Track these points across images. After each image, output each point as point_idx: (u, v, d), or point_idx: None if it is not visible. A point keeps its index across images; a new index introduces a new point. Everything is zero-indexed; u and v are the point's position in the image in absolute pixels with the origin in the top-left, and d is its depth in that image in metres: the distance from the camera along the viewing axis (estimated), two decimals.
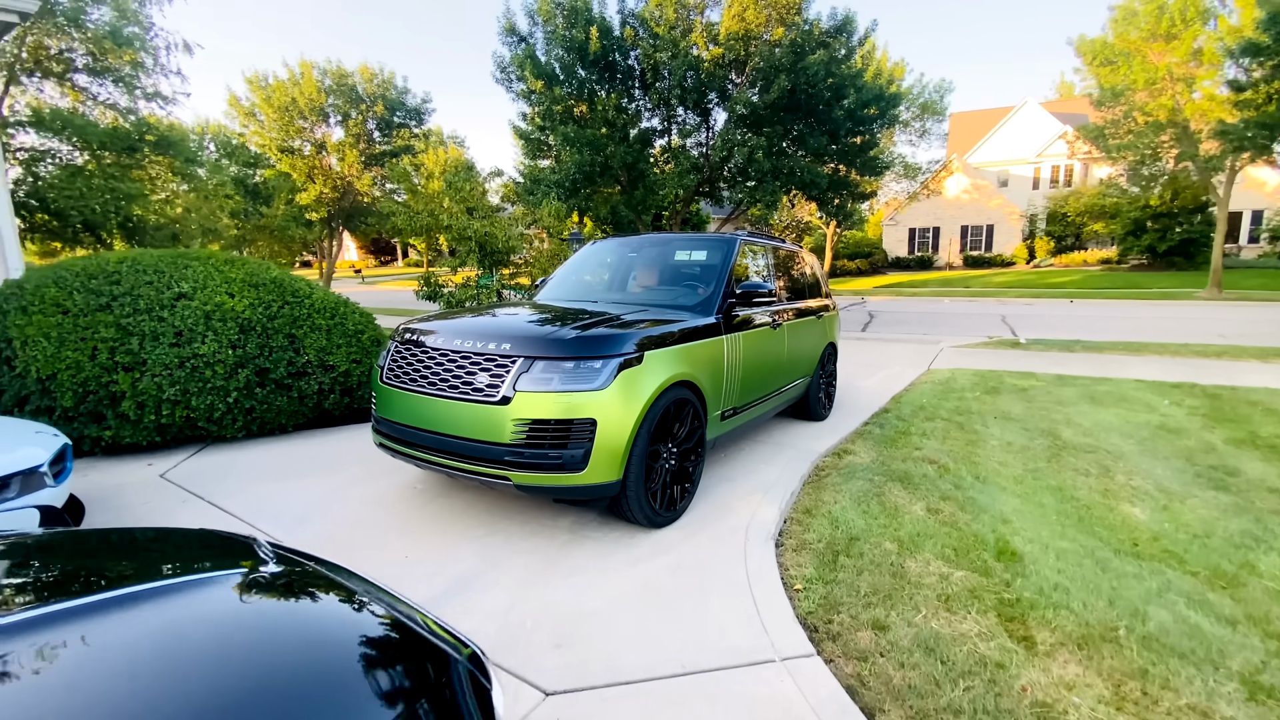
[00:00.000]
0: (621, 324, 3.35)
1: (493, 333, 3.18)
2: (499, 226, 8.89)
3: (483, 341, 3.11)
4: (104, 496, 4.00)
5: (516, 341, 3.03)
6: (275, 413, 5.26)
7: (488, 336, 3.14)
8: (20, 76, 14.62)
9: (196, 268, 5.33)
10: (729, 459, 4.64)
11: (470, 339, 3.17)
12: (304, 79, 24.24)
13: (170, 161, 16.48)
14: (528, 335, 3.08)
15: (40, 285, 4.81)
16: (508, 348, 3.01)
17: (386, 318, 16.86)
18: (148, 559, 1.47)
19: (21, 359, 4.51)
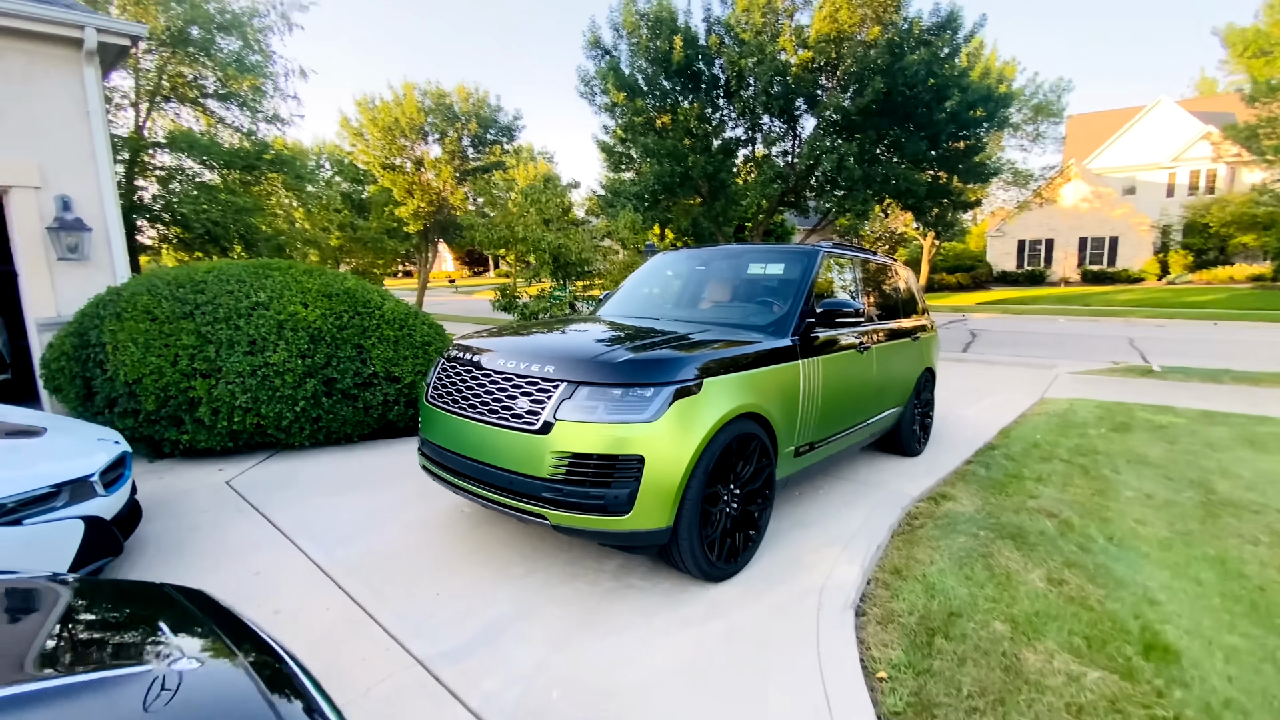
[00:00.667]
0: (680, 346, 2.97)
1: (536, 353, 2.89)
2: (573, 239, 8.76)
3: (525, 362, 2.83)
4: (170, 501, 4.07)
5: (560, 363, 2.73)
6: (341, 422, 5.27)
7: (531, 356, 2.85)
8: (160, 102, 16.30)
9: (276, 277, 5.46)
10: (804, 499, 4.13)
11: (514, 359, 2.90)
12: (406, 99, 25.69)
13: (283, 178, 17.84)
14: (572, 357, 2.77)
15: (135, 292, 5.06)
16: (550, 370, 2.71)
17: (463, 325, 17.35)
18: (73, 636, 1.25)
19: (113, 363, 4.73)
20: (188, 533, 3.58)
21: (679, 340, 3.11)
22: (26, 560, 2.49)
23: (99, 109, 5.68)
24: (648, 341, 3.03)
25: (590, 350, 2.85)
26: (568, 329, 3.60)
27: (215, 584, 2.97)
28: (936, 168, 15.11)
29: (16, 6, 4.97)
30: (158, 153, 15.71)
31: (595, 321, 3.87)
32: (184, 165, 16.18)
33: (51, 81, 5.40)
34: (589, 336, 3.28)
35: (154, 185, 15.92)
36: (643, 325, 3.58)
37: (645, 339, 3.13)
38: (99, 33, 5.35)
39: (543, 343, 3.18)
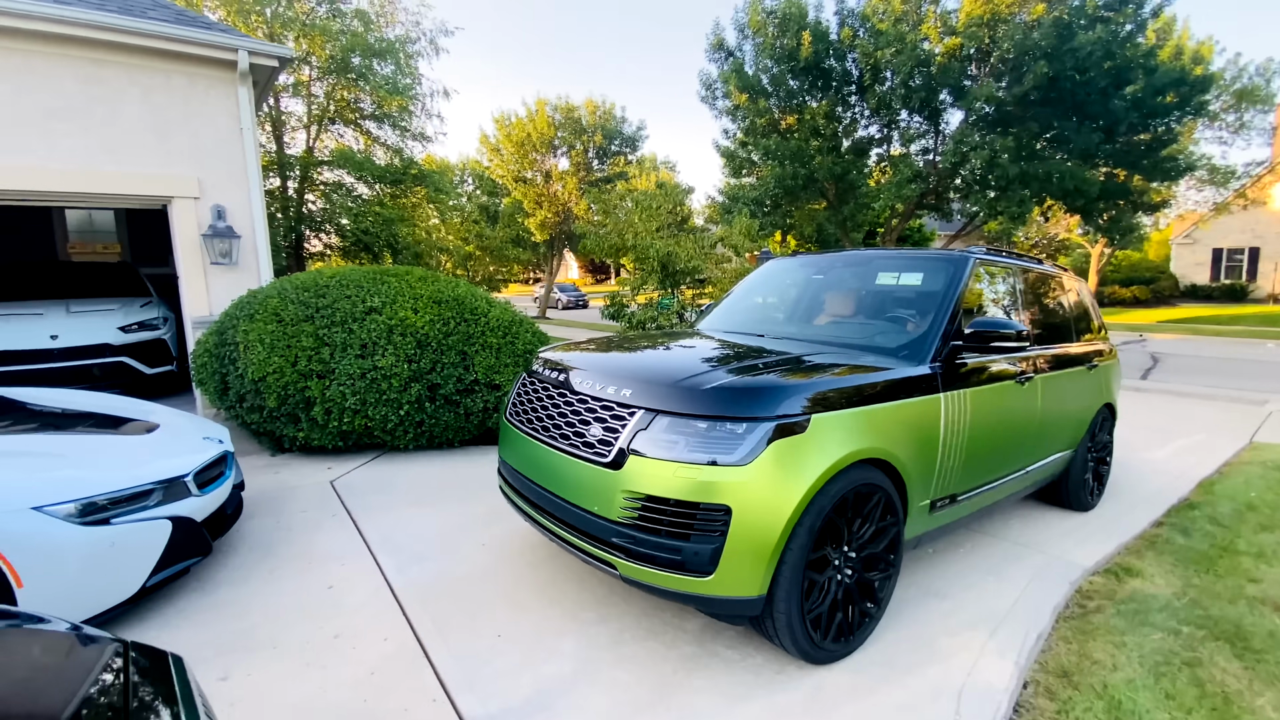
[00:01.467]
0: (786, 370, 2.47)
1: (615, 372, 2.52)
2: (682, 245, 8.40)
3: (602, 382, 2.47)
4: (277, 498, 4.20)
5: (638, 386, 2.34)
6: (443, 428, 5.27)
7: (609, 376, 2.49)
8: (326, 124, 18.21)
9: (392, 283, 5.60)
10: (938, 559, 3.41)
11: (591, 378, 2.56)
12: (538, 115, 26.93)
13: (425, 191, 19.25)
14: (651, 379, 2.37)
15: (267, 295, 5.40)
16: (626, 394, 2.33)
17: (574, 332, 17.60)
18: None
19: (243, 361, 5.05)
20: (281, 533, 3.62)
21: (786, 363, 2.61)
22: (111, 562, 2.52)
23: (250, 126, 6.19)
24: (747, 364, 2.56)
25: (674, 372, 2.44)
26: (658, 345, 3.21)
27: (289, 595, 2.90)
28: (1112, 164, 12.99)
29: (182, 32, 5.53)
30: (323, 169, 17.56)
31: (691, 337, 3.44)
32: (343, 180, 17.96)
33: (210, 101, 5.96)
34: (678, 355, 2.88)
35: (319, 199, 17.81)
36: (745, 343, 3.10)
37: (744, 361, 2.66)
38: (250, 55, 5.83)
39: (624, 361, 2.81)
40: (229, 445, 3.44)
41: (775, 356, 2.70)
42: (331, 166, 17.32)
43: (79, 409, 3.42)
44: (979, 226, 15.79)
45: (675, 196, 9.81)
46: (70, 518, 2.43)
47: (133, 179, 5.74)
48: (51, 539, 2.37)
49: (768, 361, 2.61)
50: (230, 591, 2.93)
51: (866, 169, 14.61)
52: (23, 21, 4.97)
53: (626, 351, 3.04)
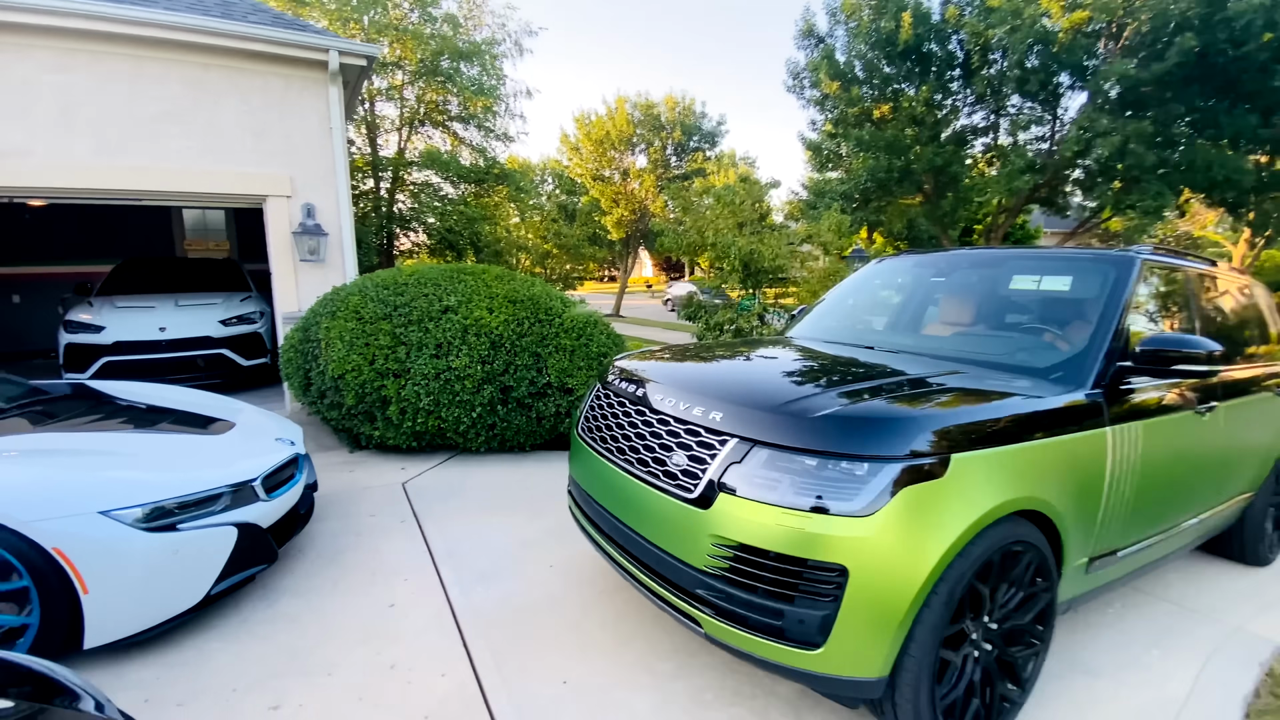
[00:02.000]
0: (912, 394, 2.04)
1: (701, 389, 2.17)
2: (766, 243, 7.92)
3: (686, 400, 2.13)
4: (349, 498, 4.14)
5: (730, 408, 1.98)
6: (514, 431, 5.11)
7: (694, 393, 2.15)
8: (416, 126, 18.87)
9: (468, 281, 5.50)
10: (1084, 623, 2.85)
11: (672, 394, 2.23)
12: (618, 113, 26.90)
13: (506, 190, 19.60)
14: (747, 400, 2.00)
15: (349, 293, 5.42)
16: (717, 418, 1.98)
17: (649, 331, 17.30)
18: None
19: (324, 358, 5.08)
20: (349, 539, 3.52)
21: (912, 386, 2.16)
22: (176, 569, 2.44)
23: (340, 125, 6.29)
24: (863, 385, 2.14)
25: (775, 393, 2.06)
26: (751, 357, 2.83)
27: (350, 612, 2.75)
28: (1270, 150, 11.25)
29: (279, 34, 5.65)
30: (412, 170, 18.22)
31: (786, 347, 3.03)
32: (430, 180, 18.57)
33: (303, 102, 6.09)
34: (777, 371, 2.49)
35: (408, 199, 18.50)
36: (854, 358, 2.67)
37: (859, 381, 2.24)
38: (340, 54, 5.90)
39: (713, 376, 2.46)
40: (300, 447, 3.37)
41: (896, 376, 2.26)
42: (420, 167, 17.92)
43: (163, 404, 3.45)
44: (1100, 223, 14.18)
45: (756, 192, 9.31)
46: (137, 523, 2.36)
47: (232, 178, 5.94)
48: (117, 544, 2.31)
49: (888, 382, 2.18)
50: (293, 603, 2.82)
51: (968, 160, 13.44)
52: (138, 29, 5.21)
53: (714, 364, 2.69)
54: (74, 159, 5.13)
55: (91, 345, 6.45)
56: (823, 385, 2.18)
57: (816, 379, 2.29)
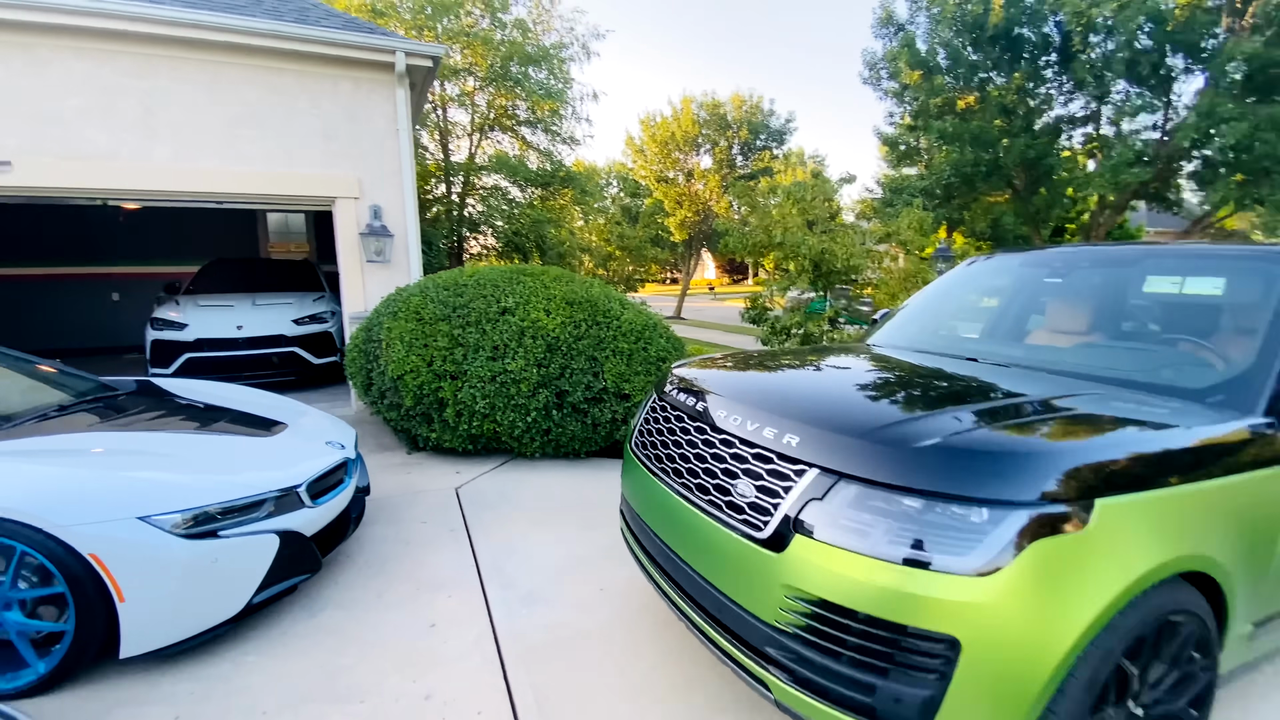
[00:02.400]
0: (1038, 420, 1.67)
1: (773, 406, 1.87)
2: (839, 242, 7.44)
3: (755, 419, 1.84)
4: (402, 502, 4.06)
5: (809, 432, 1.67)
6: (569, 437, 4.93)
7: (764, 411, 1.85)
8: (486, 131, 19.26)
9: (527, 283, 5.37)
10: (1238, 692, 2.34)
11: (739, 410, 1.94)
12: (683, 113, 26.64)
13: (571, 193, 19.72)
14: (830, 423, 1.68)
15: (411, 294, 5.40)
16: (793, 442, 1.67)
17: (711, 335, 16.85)
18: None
19: (385, 358, 5.06)
20: (398, 547, 3.41)
21: (1034, 409, 1.78)
22: (216, 577, 2.35)
23: (406, 127, 6.32)
24: (975, 407, 1.78)
25: (865, 415, 1.74)
26: (829, 368, 2.49)
27: (390, 629, 2.61)
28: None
29: (348, 37, 5.72)
30: (482, 174, 18.61)
31: (869, 357, 2.67)
32: (499, 184, 18.92)
33: (371, 105, 6.15)
34: (863, 387, 2.15)
35: (477, 202, 18.91)
36: (954, 372, 2.29)
37: (967, 401, 1.88)
38: (406, 55, 5.92)
39: (786, 391, 2.15)
40: (351, 451, 3.28)
41: (1015, 397, 1.88)
42: (489, 171, 18.25)
43: (221, 404, 3.45)
44: (1214, 222, 12.69)
45: (827, 189, 8.80)
46: (176, 529, 2.29)
47: (302, 180, 6.07)
48: (156, 552, 2.23)
49: (1007, 405, 1.81)
50: (334, 616, 2.71)
51: (1065, 153, 12.35)
52: (218, 34, 5.38)
53: (787, 375, 2.38)
54: (154, 162, 5.35)
55: (175, 342, 6.76)
56: (924, 407, 1.83)
57: (915, 399, 1.94)
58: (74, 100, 5.08)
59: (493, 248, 19.62)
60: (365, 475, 3.73)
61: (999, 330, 2.90)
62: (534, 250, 18.54)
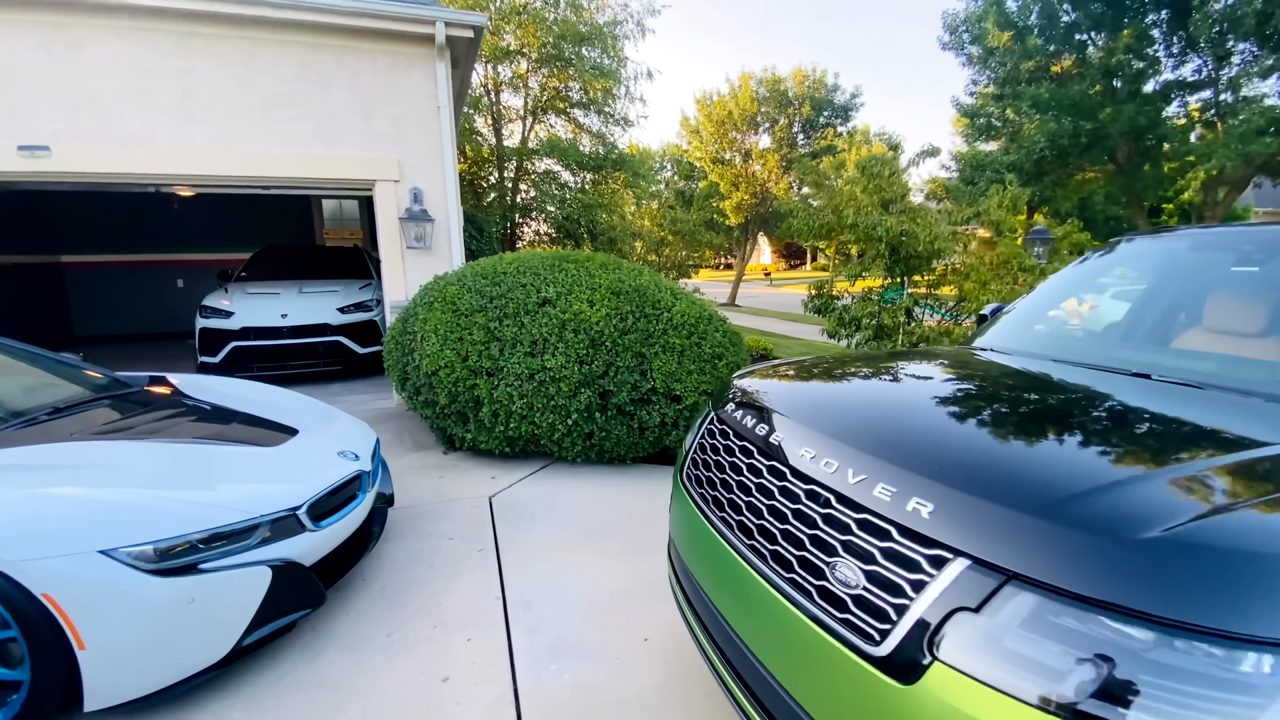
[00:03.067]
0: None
1: (881, 443, 1.33)
2: (921, 222, 6.65)
3: (856, 463, 1.30)
4: (431, 513, 3.71)
5: (950, 494, 1.12)
6: (613, 442, 4.47)
7: (869, 451, 1.31)
8: (540, 114, 18.94)
9: (570, 270, 4.93)
10: None
11: (830, 447, 1.40)
12: (741, 91, 25.59)
13: (624, 176, 19.19)
14: (986, 481, 1.13)
15: (448, 282, 5.05)
16: (923, 511, 1.13)
17: (763, 323, 15.98)
18: None
19: (420, 352, 4.73)
20: (419, 569, 3.04)
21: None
22: (195, 619, 2.00)
23: (447, 104, 5.95)
24: (1209, 463, 1.18)
25: (1040, 473, 1.17)
26: (946, 380, 1.91)
27: (398, 682, 2.21)
28: None
29: (386, 8, 5.37)
30: (534, 160, 18.33)
31: (1001, 371, 2.05)
32: (550, 169, 18.61)
33: (411, 81, 5.81)
34: (1010, 416, 1.56)
35: (529, 188, 18.67)
36: (1132, 395, 1.67)
37: (1189, 450, 1.28)
38: (446, 26, 5.53)
39: (897, 417, 1.59)
40: (366, 462, 2.92)
41: (1264, 448, 1.26)
42: (541, 155, 17.94)
43: (232, 405, 3.15)
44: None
45: (893, 165, 7.90)
46: (146, 563, 1.95)
47: (342, 163, 5.80)
48: (122, 590, 1.90)
49: (1252, 459, 1.20)
50: (337, 660, 2.35)
51: (1176, 122, 10.91)
52: (253, 8, 5.12)
53: (894, 395, 1.81)
54: (193, 145, 5.17)
55: (222, 330, 6.69)
56: (1132, 461, 1.24)
57: (1110, 446, 1.34)
58: (111, 82, 4.93)
59: (545, 234, 19.39)
60: (389, 482, 3.39)
61: (1166, 334, 2.22)
62: (585, 236, 18.17)
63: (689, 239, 16.06)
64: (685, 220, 16.39)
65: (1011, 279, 6.60)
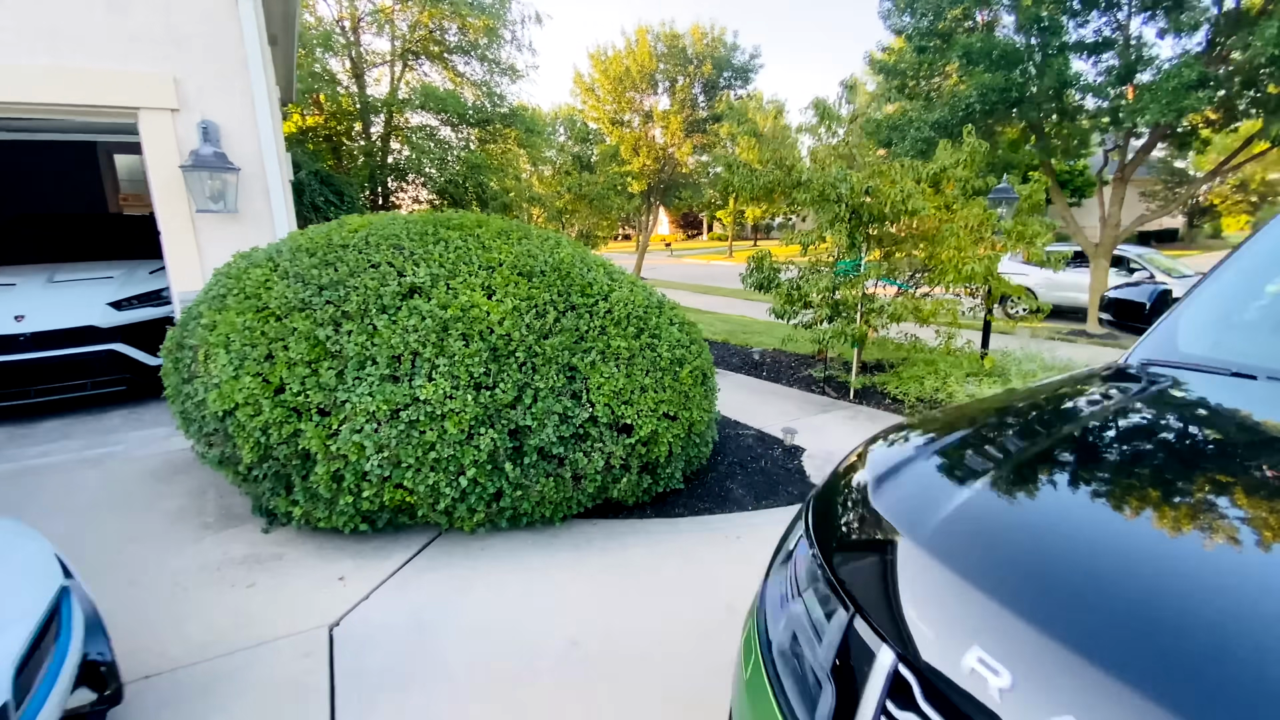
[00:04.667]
0: None
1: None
2: (885, 176, 5.55)
3: None
4: (216, 681, 2.02)
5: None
6: (535, 500, 2.95)
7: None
8: (411, 60, 16.24)
9: (453, 240, 3.28)
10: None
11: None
12: (639, 46, 23.89)
13: (516, 134, 17.00)
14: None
15: (254, 263, 3.22)
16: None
17: (682, 297, 14.71)
18: None
19: (202, 379, 2.91)
20: None
21: None
22: None
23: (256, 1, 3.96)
24: None
25: None
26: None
27: None
28: None
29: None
30: (407, 113, 15.71)
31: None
32: (427, 124, 16.07)
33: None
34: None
35: (403, 145, 16.04)
36: None
37: None
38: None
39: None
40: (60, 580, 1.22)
41: None
42: (415, 107, 15.41)
43: None
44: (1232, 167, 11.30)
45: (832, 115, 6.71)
46: None
47: (75, 79, 3.68)
48: None
49: None
50: None
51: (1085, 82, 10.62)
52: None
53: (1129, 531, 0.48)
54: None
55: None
56: None
57: None
58: None
59: (426, 201, 16.92)
60: (103, 643, 1.69)
61: None
62: (472, 202, 15.95)
63: (598, 204, 14.34)
64: (592, 182, 14.64)
65: (989, 244, 5.69)
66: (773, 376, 6.62)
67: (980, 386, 5.39)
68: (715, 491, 3.66)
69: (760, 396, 5.84)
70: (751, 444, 4.41)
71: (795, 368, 6.92)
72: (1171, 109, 8.05)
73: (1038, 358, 6.01)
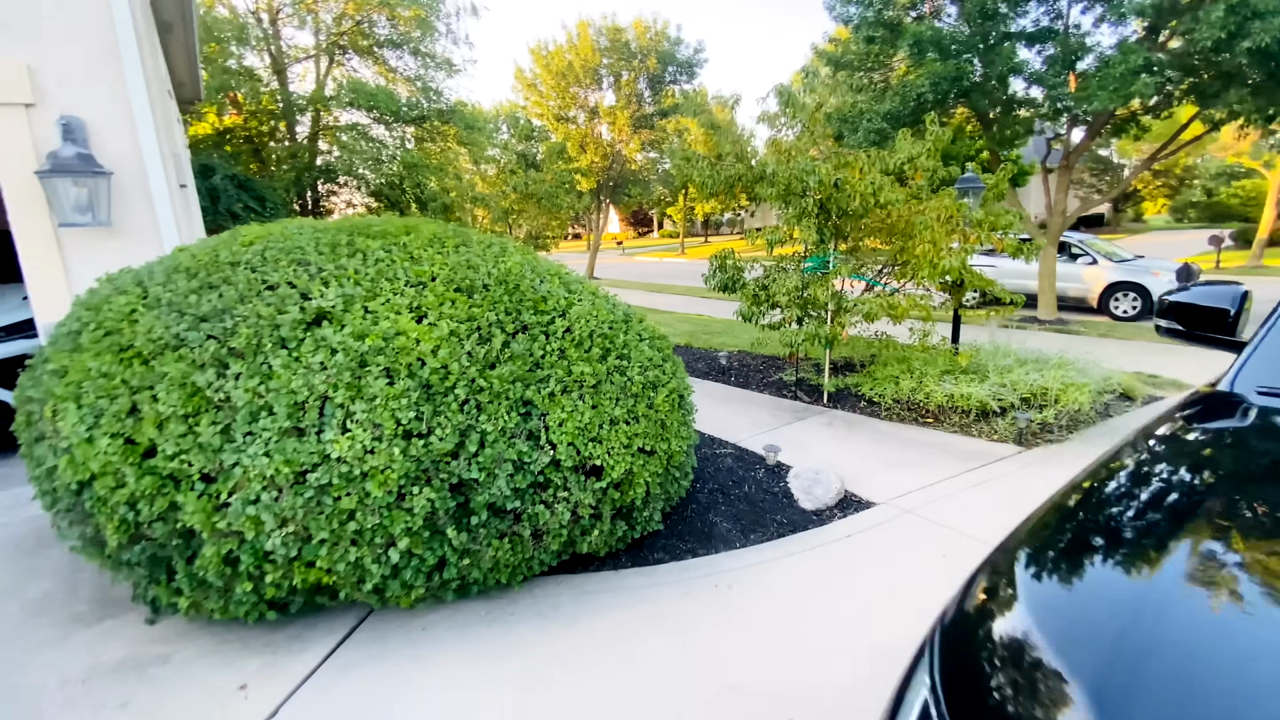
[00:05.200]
0: None
1: None
2: (855, 168, 5.23)
3: None
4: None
5: None
6: (489, 568, 2.43)
7: None
8: (338, 55, 15.20)
9: (372, 251, 2.71)
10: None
11: None
12: (580, 39, 23.25)
13: (456, 131, 16.16)
14: None
15: (117, 287, 2.58)
16: None
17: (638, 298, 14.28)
18: None
19: (51, 442, 2.28)
20: None
21: None
22: None
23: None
24: None
25: None
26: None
27: None
28: None
29: None
30: (334, 109, 14.67)
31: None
32: (359, 123, 15.07)
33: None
34: None
35: (332, 145, 14.99)
36: None
37: None
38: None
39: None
40: None
41: None
42: (344, 105, 14.42)
43: None
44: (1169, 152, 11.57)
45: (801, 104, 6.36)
46: None
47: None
48: None
49: None
50: None
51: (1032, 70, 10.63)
52: None
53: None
54: None
55: None
56: None
57: None
58: None
59: (362, 204, 15.91)
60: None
61: None
62: (411, 204, 15.07)
63: (546, 203, 13.68)
64: (540, 180, 13.97)
65: (962, 235, 5.45)
66: (742, 382, 6.24)
67: (958, 385, 5.12)
68: (697, 528, 3.22)
69: (732, 405, 5.44)
70: (731, 465, 3.99)
71: (765, 371, 6.56)
72: (1119, 95, 8.07)
73: (1011, 351, 5.82)
